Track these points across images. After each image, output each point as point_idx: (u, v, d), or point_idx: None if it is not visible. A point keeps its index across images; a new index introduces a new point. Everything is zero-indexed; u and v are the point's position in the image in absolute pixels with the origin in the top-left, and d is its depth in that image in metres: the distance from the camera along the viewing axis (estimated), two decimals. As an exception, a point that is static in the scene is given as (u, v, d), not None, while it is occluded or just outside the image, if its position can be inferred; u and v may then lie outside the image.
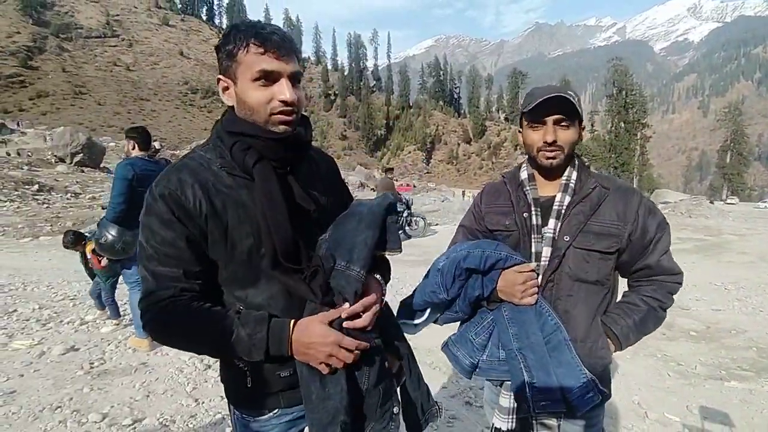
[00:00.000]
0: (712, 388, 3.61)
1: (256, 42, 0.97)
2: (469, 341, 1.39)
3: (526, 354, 1.25)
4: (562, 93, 1.29)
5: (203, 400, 3.14)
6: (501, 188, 1.52)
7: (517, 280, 1.27)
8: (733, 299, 6.38)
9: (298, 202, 1.07)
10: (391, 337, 1.19)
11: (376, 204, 1.15)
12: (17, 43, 71.60)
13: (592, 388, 1.22)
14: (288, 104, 1.00)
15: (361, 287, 1.03)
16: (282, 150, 1.05)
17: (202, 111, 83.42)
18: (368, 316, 1.04)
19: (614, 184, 1.39)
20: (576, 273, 1.32)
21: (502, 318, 1.32)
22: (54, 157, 22.85)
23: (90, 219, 13.57)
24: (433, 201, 26.62)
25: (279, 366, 1.06)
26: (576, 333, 1.31)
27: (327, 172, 1.27)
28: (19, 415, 2.86)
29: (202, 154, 1.07)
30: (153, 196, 1.02)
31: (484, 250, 1.30)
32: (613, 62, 61.57)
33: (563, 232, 1.33)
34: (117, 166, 3.74)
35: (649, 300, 1.36)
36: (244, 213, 1.03)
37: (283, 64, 0.99)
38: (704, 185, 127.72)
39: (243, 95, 1.01)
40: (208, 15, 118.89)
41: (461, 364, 1.40)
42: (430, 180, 76.42)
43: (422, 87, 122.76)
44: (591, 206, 1.34)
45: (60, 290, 5.96)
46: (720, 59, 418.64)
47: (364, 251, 1.05)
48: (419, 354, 4.42)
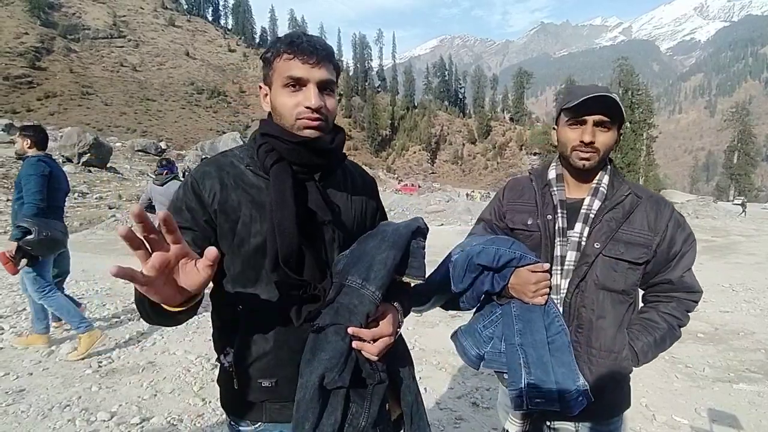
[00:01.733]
0: (721, 390, 3.59)
1: (287, 49, 1.01)
2: (476, 332, 1.40)
3: (527, 350, 1.25)
4: (607, 93, 1.24)
5: (210, 399, 3.16)
6: (526, 185, 1.47)
7: (530, 279, 1.26)
8: (741, 301, 6.34)
9: (311, 208, 1.05)
10: (399, 381, 1.11)
11: (403, 225, 1.10)
12: (25, 44, 72.17)
13: (583, 393, 1.23)
14: (313, 110, 1.01)
15: (374, 310, 0.98)
16: (304, 154, 1.05)
17: (208, 111, 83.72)
18: (379, 346, 0.99)
19: (647, 194, 1.35)
20: (603, 282, 1.28)
21: (510, 313, 1.31)
22: (61, 157, 23.02)
23: (97, 219, 13.67)
24: (438, 201, 26.59)
25: (262, 373, 1.05)
26: (601, 342, 1.29)
27: (363, 189, 1.24)
28: (28, 414, 2.88)
29: (236, 153, 1.12)
30: (182, 183, 1.09)
31: (499, 248, 1.29)
32: (619, 62, 61.33)
33: (593, 239, 1.29)
34: (27, 163, 3.62)
35: (669, 318, 1.33)
36: (258, 212, 1.04)
37: (312, 71, 1.01)
38: (711, 186, 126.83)
39: (274, 100, 1.05)
40: (213, 16, 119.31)
41: (468, 354, 1.40)
42: (434, 180, 76.36)
43: (427, 87, 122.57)
44: (623, 213, 1.30)
45: (68, 289, 5.98)
46: (727, 59, 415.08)
47: (383, 271, 0.99)
48: (426, 354, 4.44)
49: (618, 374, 1.31)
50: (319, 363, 0.95)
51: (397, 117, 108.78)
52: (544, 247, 1.34)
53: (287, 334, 1.04)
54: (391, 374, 1.06)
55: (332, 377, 0.93)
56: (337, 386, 0.94)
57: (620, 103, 1.25)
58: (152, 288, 0.73)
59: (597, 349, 1.29)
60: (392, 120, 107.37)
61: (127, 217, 14.13)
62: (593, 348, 1.30)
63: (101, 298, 5.62)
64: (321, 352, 0.96)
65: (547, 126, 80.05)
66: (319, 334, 0.98)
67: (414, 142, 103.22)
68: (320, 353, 0.96)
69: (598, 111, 1.26)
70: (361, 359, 0.99)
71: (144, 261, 0.71)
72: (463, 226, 18.96)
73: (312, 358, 0.97)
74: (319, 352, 0.96)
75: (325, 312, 0.99)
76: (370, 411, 0.98)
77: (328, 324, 0.97)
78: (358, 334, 0.97)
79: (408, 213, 21.16)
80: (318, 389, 0.93)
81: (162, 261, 0.72)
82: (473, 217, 21.17)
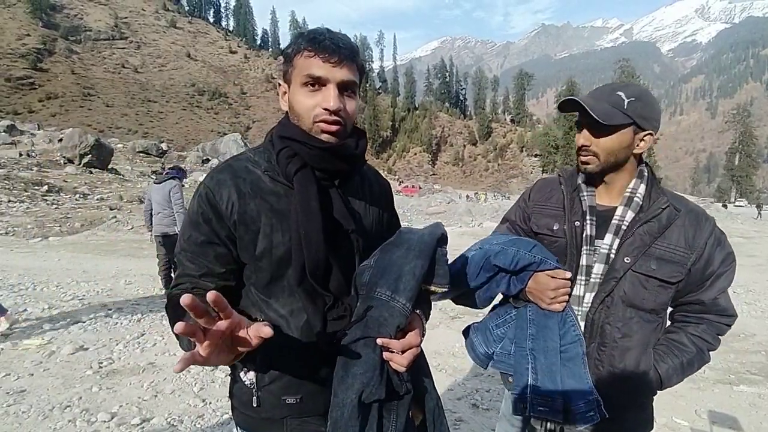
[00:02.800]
0: (721, 392, 3.58)
1: (309, 46, 0.95)
2: (488, 330, 1.36)
3: (537, 356, 1.21)
4: (575, 97, 1.20)
5: (211, 400, 3.16)
6: (555, 187, 1.38)
7: (549, 285, 1.20)
8: (741, 303, 6.33)
9: (335, 217, 1.01)
10: (419, 385, 1.09)
11: (427, 233, 1.06)
12: (27, 46, 72.45)
13: (595, 408, 1.16)
14: (332, 112, 0.95)
15: (405, 322, 0.94)
16: (328, 160, 1.00)
17: (209, 113, 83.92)
18: (408, 357, 0.94)
19: (686, 206, 1.25)
20: (631, 299, 1.20)
21: (525, 316, 1.27)
22: (63, 158, 23.08)
23: (98, 220, 13.69)
24: (439, 203, 26.58)
25: (285, 390, 1.01)
26: (625, 363, 1.21)
27: (380, 195, 1.20)
28: (29, 414, 2.89)
29: (251, 156, 1.06)
30: (195, 194, 1.04)
31: (519, 250, 1.23)
32: (620, 63, 61.30)
33: (624, 252, 1.20)
34: None
35: (698, 341, 1.24)
36: (279, 221, 0.99)
37: (333, 70, 0.95)
38: (712, 187, 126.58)
39: (293, 99, 0.99)
40: (215, 17, 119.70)
41: (476, 351, 1.37)
42: (435, 182, 76.41)
43: (428, 89, 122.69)
44: (659, 228, 1.20)
45: (69, 290, 6.02)
46: (728, 60, 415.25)
47: (412, 282, 0.95)
48: (426, 356, 4.43)
49: (641, 395, 1.25)
50: (354, 379, 0.92)
51: (398, 118, 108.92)
52: (570, 255, 1.26)
53: (311, 348, 0.99)
54: (413, 383, 1.04)
55: (370, 391, 0.90)
56: (374, 399, 0.91)
57: (586, 106, 1.17)
58: (207, 362, 0.74)
59: (620, 370, 1.21)
60: (393, 121, 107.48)
61: (128, 218, 14.15)
62: (616, 368, 1.22)
63: (102, 299, 5.63)
64: (354, 367, 0.93)
65: (548, 127, 79.90)
66: (349, 349, 0.95)
67: (415, 144, 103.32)
68: (353, 368, 0.93)
69: (582, 114, 1.21)
70: (390, 371, 0.95)
71: (201, 341, 0.71)
72: (464, 227, 18.94)
73: (345, 374, 0.93)
74: (351, 367, 0.93)
75: (355, 326, 0.95)
76: (397, 423, 0.96)
77: (359, 338, 0.94)
78: (388, 345, 0.93)
79: (409, 214, 21.15)
80: (357, 406, 0.90)
81: (215, 340, 0.73)
82: (474, 218, 21.17)
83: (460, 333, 1.53)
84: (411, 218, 19.89)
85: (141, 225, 13.43)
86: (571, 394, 1.16)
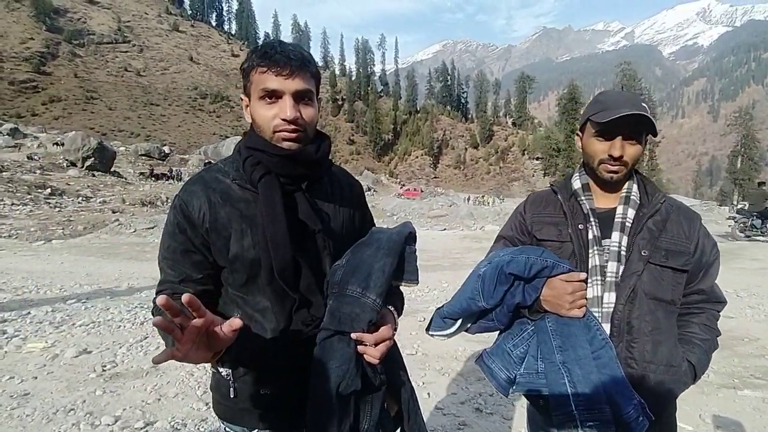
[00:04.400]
0: (725, 396, 3.57)
1: (261, 62, 1.01)
2: (506, 353, 1.26)
3: (571, 368, 1.13)
4: (641, 111, 1.18)
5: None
6: (549, 197, 1.41)
7: (566, 290, 1.16)
8: (745, 306, 6.30)
9: (302, 219, 1.07)
10: (394, 378, 1.14)
11: (396, 232, 1.13)
12: (31, 49, 72.74)
13: (641, 412, 1.11)
14: (289, 122, 1.02)
15: (376, 316, 1.01)
16: (290, 166, 1.06)
17: (211, 116, 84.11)
18: (380, 350, 1.02)
19: (676, 202, 1.33)
20: (653, 291, 1.22)
21: (545, 328, 1.20)
22: (66, 161, 23.16)
23: (101, 223, 13.73)
24: (441, 206, 26.57)
25: (260, 383, 1.08)
26: (660, 356, 1.21)
27: (350, 195, 1.26)
28: (33, 417, 2.89)
29: (221, 167, 1.13)
30: (171, 205, 1.10)
31: (529, 256, 1.19)
32: (622, 66, 61.33)
33: (639, 246, 1.23)
34: None
35: (708, 330, 1.29)
36: (248, 226, 1.05)
37: (286, 82, 1.01)
38: (714, 190, 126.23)
39: (253, 113, 1.06)
40: (217, 21, 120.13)
41: (497, 378, 1.27)
42: (437, 185, 76.41)
43: (429, 92, 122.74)
44: (662, 220, 1.26)
45: (72, 293, 6.04)
46: (730, 63, 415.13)
47: (381, 279, 1.02)
48: (429, 360, 4.43)
49: (677, 391, 1.25)
50: (331, 372, 0.98)
51: (399, 121, 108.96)
52: (579, 258, 1.26)
53: (284, 342, 1.06)
54: (389, 375, 1.10)
55: (346, 383, 0.97)
56: (350, 391, 0.97)
57: (653, 119, 1.21)
58: (186, 357, 0.81)
59: (656, 364, 1.20)
60: (395, 124, 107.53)
61: (130, 221, 14.19)
62: (652, 363, 1.20)
63: (105, 302, 5.64)
64: (330, 361, 0.98)
65: (550, 131, 79.87)
66: (324, 344, 1.00)
67: (416, 147, 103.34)
68: (329, 362, 0.98)
69: (629, 128, 1.21)
70: (364, 364, 1.01)
71: (179, 339, 0.79)
72: (465, 230, 18.94)
73: (322, 368, 0.99)
74: (327, 361, 0.99)
75: (328, 322, 1.01)
76: (371, 414, 1.03)
77: (333, 333, 1.00)
78: (361, 339, 0.99)
79: (411, 218, 21.17)
80: (335, 398, 0.96)
81: (191, 337, 0.80)
82: (476, 221, 21.18)
83: (463, 337, 1.53)
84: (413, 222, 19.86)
85: (143, 228, 13.47)
86: (617, 401, 1.10)
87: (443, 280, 7.65)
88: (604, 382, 1.11)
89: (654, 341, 1.21)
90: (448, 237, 14.36)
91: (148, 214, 16.53)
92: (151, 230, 13.23)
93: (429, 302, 6.20)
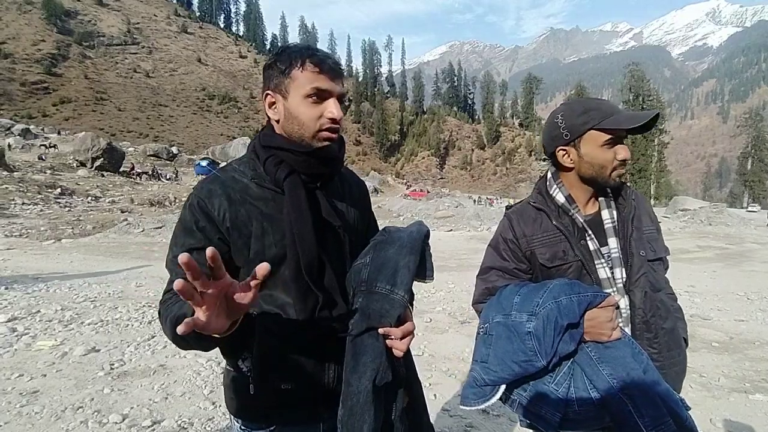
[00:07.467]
0: (736, 400, 3.52)
1: (312, 62, 1.05)
2: (550, 394, 1.17)
3: (631, 393, 1.08)
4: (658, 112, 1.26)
5: (220, 403, 3.16)
6: (536, 216, 1.34)
7: (606, 317, 1.13)
8: (756, 309, 6.23)
9: (324, 216, 1.10)
10: (410, 373, 1.19)
11: (415, 231, 1.17)
12: (42, 51, 73.66)
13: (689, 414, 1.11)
14: (336, 121, 1.07)
15: (404, 312, 1.05)
16: (314, 164, 1.09)
17: (219, 117, 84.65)
18: (406, 343, 1.06)
19: (631, 189, 1.37)
20: (654, 284, 1.27)
21: (587, 358, 1.15)
22: (75, 161, 23.40)
23: (110, 222, 13.84)
24: (447, 207, 26.51)
25: (281, 378, 1.08)
26: (674, 341, 1.27)
27: (357, 193, 1.29)
28: (41, 415, 2.91)
29: (236, 167, 1.14)
30: (185, 204, 1.10)
31: (568, 297, 1.13)
32: (630, 67, 60.97)
33: (636, 248, 1.25)
34: None
35: (674, 298, 1.38)
36: (270, 224, 1.07)
37: (335, 85, 1.07)
38: (724, 192, 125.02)
39: (294, 110, 1.07)
40: (225, 23, 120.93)
41: (551, 423, 1.17)
42: (443, 186, 76.26)
43: (436, 93, 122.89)
44: (637, 216, 1.30)
45: (81, 292, 6.09)
46: (740, 64, 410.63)
47: (407, 276, 1.06)
48: (435, 361, 4.40)
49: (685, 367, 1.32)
50: (365, 367, 1.01)
51: (406, 122, 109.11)
52: (590, 273, 1.26)
53: (305, 338, 1.07)
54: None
55: (380, 376, 1.00)
56: (384, 383, 1.01)
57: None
58: (208, 324, 0.79)
59: (674, 350, 1.27)
60: (401, 125, 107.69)
61: (139, 221, 14.29)
62: (672, 351, 1.27)
63: (113, 301, 5.68)
64: (363, 356, 1.02)
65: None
66: (356, 341, 1.03)
67: (423, 148, 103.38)
68: (362, 357, 1.02)
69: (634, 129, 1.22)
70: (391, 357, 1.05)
71: (200, 305, 0.77)
72: (472, 231, 18.89)
73: (356, 364, 1.02)
74: (360, 356, 1.02)
75: (358, 319, 1.04)
76: (398, 405, 1.08)
77: (365, 330, 1.03)
78: (390, 333, 1.03)
79: (417, 218, 21.15)
80: (372, 391, 0.99)
81: (212, 302, 0.78)
82: (482, 222, 21.09)
83: (470, 338, 1.51)
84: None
85: (151, 228, 13.57)
86: (676, 412, 1.09)
87: (450, 281, 7.63)
88: (661, 395, 1.09)
89: (669, 329, 1.27)
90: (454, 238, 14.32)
91: (157, 214, 16.65)
92: (160, 230, 13.32)
93: (435, 303, 6.18)
